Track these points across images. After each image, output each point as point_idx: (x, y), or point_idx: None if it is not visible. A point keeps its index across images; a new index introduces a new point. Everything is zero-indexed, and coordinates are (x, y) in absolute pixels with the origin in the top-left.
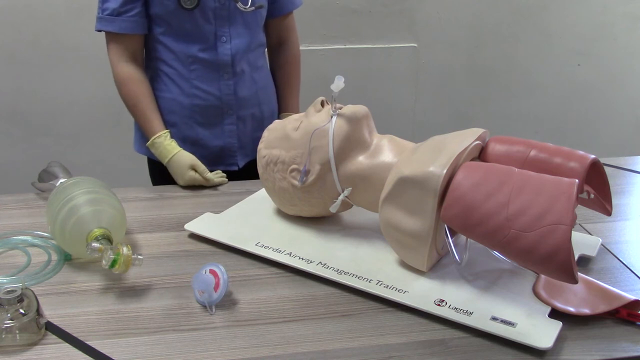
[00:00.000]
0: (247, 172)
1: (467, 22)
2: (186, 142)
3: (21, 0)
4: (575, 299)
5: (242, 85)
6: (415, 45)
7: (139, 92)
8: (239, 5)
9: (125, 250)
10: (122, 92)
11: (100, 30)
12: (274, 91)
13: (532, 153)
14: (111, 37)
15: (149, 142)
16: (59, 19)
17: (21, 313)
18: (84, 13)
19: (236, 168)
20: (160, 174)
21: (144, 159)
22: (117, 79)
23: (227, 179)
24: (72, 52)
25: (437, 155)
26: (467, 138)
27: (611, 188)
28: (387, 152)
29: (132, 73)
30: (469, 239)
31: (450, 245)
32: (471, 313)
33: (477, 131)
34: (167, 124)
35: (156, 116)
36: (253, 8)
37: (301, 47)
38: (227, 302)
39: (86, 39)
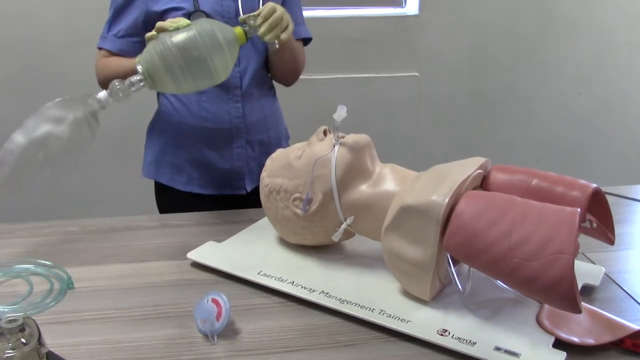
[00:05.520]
0: (255, 196)
1: (468, 51)
2: (194, 165)
3: (29, 32)
4: (579, 329)
5: (250, 109)
6: (417, 74)
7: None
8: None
9: None
10: (99, 68)
11: (100, 48)
12: (281, 118)
13: (534, 182)
14: (104, 54)
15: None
16: (64, 49)
17: (22, 342)
18: (88, 42)
19: (244, 192)
20: (168, 198)
21: (151, 184)
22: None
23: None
24: (78, 80)
25: (439, 184)
26: (469, 167)
27: (613, 217)
28: (389, 181)
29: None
30: (471, 268)
31: (453, 275)
32: (474, 343)
33: (479, 160)
34: (176, 147)
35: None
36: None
37: (304, 77)
38: (229, 332)
39: (91, 67)
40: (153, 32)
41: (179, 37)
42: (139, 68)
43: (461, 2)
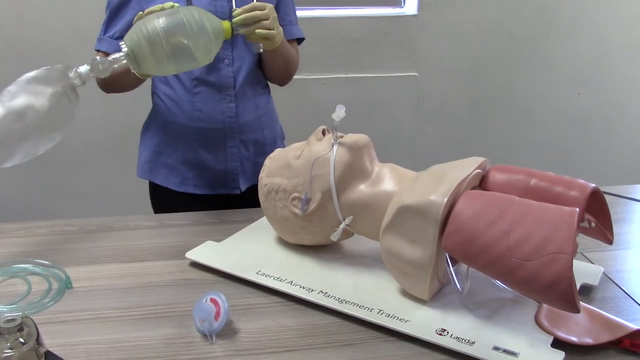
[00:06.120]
0: (249, 196)
1: (467, 51)
2: (188, 165)
3: (28, 33)
4: (578, 329)
5: (244, 109)
6: (416, 74)
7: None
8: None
9: None
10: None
11: (98, 51)
12: (276, 117)
13: (533, 182)
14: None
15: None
16: (63, 49)
17: (21, 342)
18: (86, 43)
19: (238, 192)
20: (162, 198)
21: (147, 183)
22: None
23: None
24: None
25: (437, 183)
26: (467, 167)
27: (612, 216)
28: (388, 181)
29: None
30: (470, 268)
31: (452, 274)
32: (473, 343)
33: (478, 160)
34: (170, 147)
35: None
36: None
37: (303, 76)
38: (227, 332)
39: None
40: (140, 13)
41: (169, 22)
42: (124, 47)
43: (460, 2)
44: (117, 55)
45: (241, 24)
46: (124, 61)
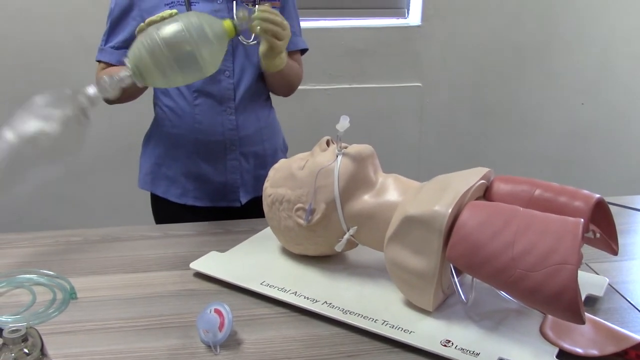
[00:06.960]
0: (250, 209)
1: (470, 61)
2: (189, 177)
3: (31, 42)
4: (583, 340)
5: (244, 121)
6: (420, 84)
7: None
8: (241, 38)
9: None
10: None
11: (99, 61)
12: (277, 129)
13: (537, 192)
14: (102, 67)
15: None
16: (66, 59)
17: (25, 353)
18: (90, 53)
19: (239, 204)
20: (163, 210)
21: (149, 195)
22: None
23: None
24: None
25: (442, 194)
26: (471, 177)
27: (617, 227)
28: (392, 191)
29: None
30: (474, 279)
31: (456, 285)
32: (478, 354)
33: (482, 170)
34: (171, 159)
35: None
36: (255, 42)
37: (307, 87)
38: (231, 342)
39: (92, 78)
40: (142, 24)
41: (167, 32)
42: (127, 63)
43: (463, 12)
44: (122, 73)
45: (263, 19)
46: (131, 79)
